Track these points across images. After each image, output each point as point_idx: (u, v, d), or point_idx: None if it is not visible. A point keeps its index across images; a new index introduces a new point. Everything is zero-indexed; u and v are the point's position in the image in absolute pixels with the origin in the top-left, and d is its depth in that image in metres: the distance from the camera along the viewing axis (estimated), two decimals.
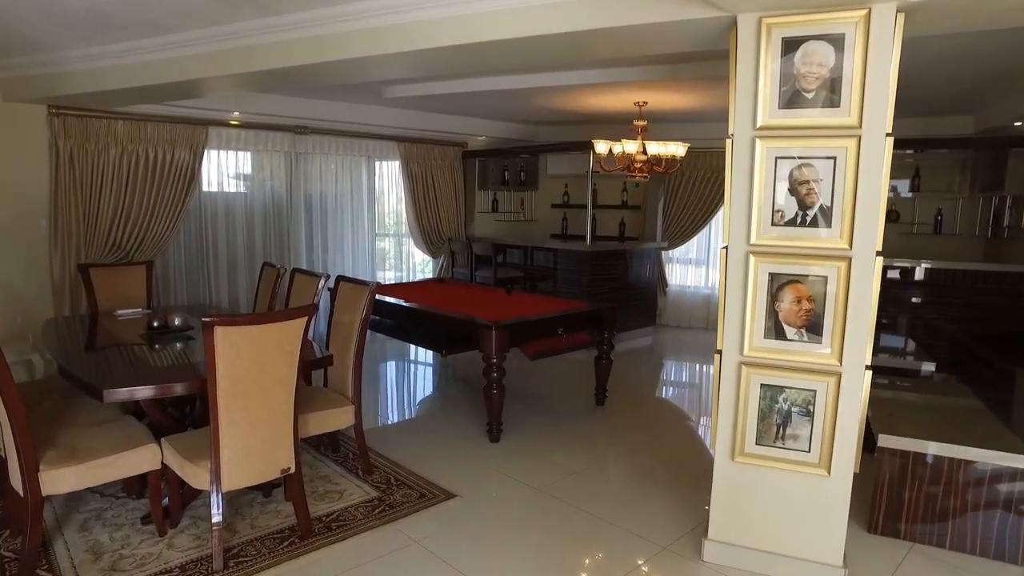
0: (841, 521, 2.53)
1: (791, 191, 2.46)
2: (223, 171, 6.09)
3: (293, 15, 3.21)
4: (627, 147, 5.57)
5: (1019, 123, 5.10)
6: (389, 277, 7.66)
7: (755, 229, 2.51)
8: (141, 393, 2.67)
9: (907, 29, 2.29)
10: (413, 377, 6.15)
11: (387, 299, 4.99)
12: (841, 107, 2.33)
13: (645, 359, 6.76)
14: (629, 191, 8.02)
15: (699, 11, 2.43)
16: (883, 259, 2.38)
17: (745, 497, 2.69)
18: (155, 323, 3.74)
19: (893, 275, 5.32)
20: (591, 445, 4.12)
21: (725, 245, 2.60)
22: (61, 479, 2.56)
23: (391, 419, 4.75)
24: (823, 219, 2.42)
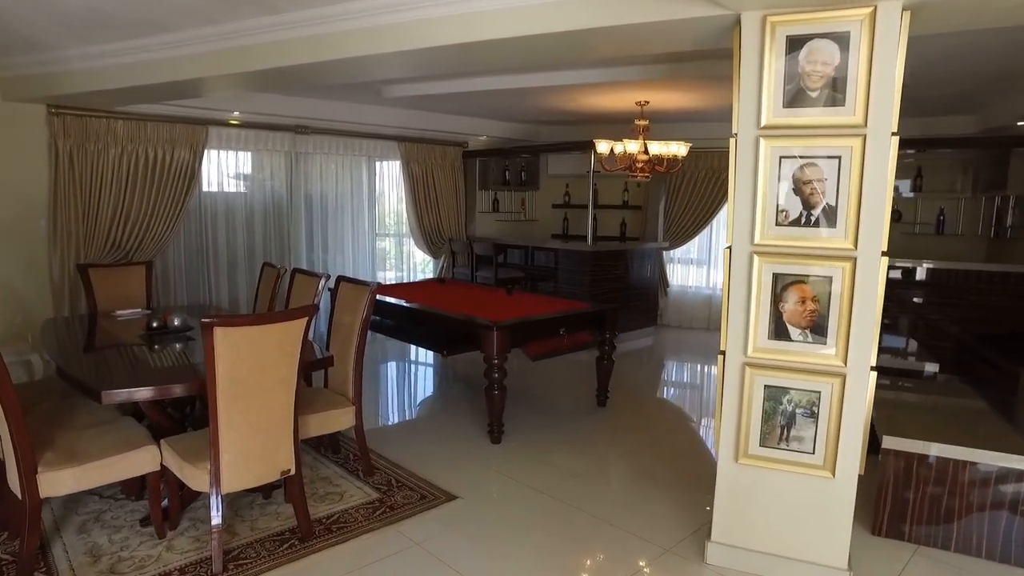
0: (846, 523, 2.51)
1: (795, 191, 2.44)
2: (223, 171, 6.07)
3: (292, 14, 3.19)
4: (629, 147, 5.55)
5: (1022, 123, 5.08)
6: (390, 277, 7.64)
7: (759, 229, 2.49)
8: (140, 394, 2.65)
9: (912, 27, 2.27)
10: (414, 378, 6.14)
11: (388, 299, 4.97)
12: (846, 106, 2.31)
13: (646, 360, 6.74)
14: (630, 191, 8.00)
15: (702, 9, 2.41)
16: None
17: (749, 499, 2.67)
18: (154, 324, 3.72)
19: (895, 275, 5.30)
20: (593, 446, 4.10)
21: (729, 245, 2.58)
22: (59, 481, 2.54)
23: (392, 420, 4.74)
24: (828, 219, 2.40)
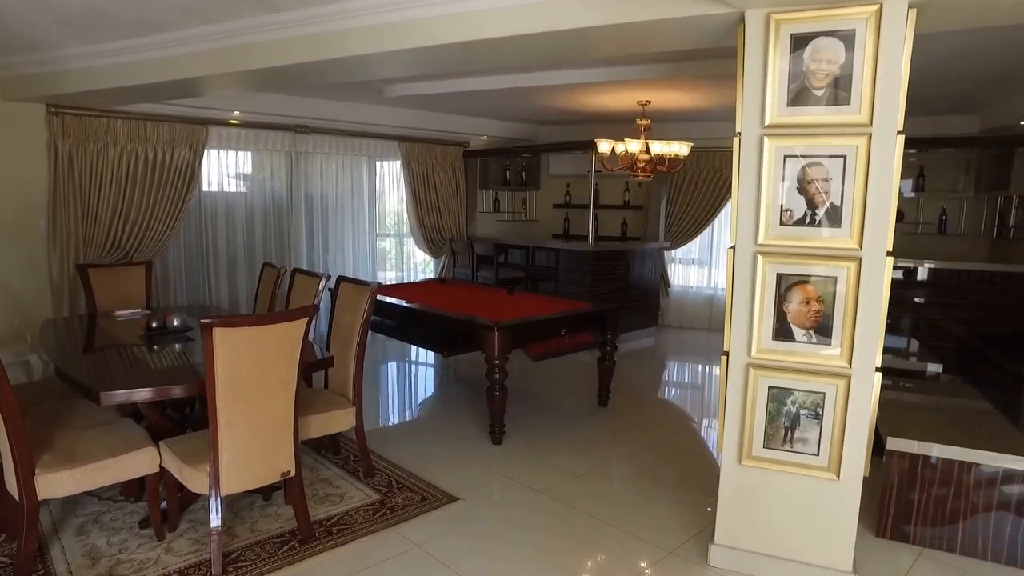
0: (851, 525, 2.49)
1: (800, 190, 2.41)
2: (223, 171, 6.05)
3: (291, 12, 3.17)
4: (630, 146, 5.53)
5: None
6: (390, 277, 7.62)
7: (763, 229, 2.47)
8: (139, 395, 2.63)
9: (918, 25, 2.25)
10: (414, 378, 6.12)
11: (388, 299, 4.95)
12: (851, 105, 2.29)
13: (647, 360, 6.72)
14: (631, 191, 7.98)
15: (706, 7, 2.39)
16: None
17: (752, 501, 2.65)
18: (154, 324, 3.70)
19: (897, 275, 5.27)
20: (594, 447, 4.08)
21: (732, 245, 2.56)
22: (57, 483, 2.52)
23: (392, 421, 4.71)
24: (832, 219, 2.38)
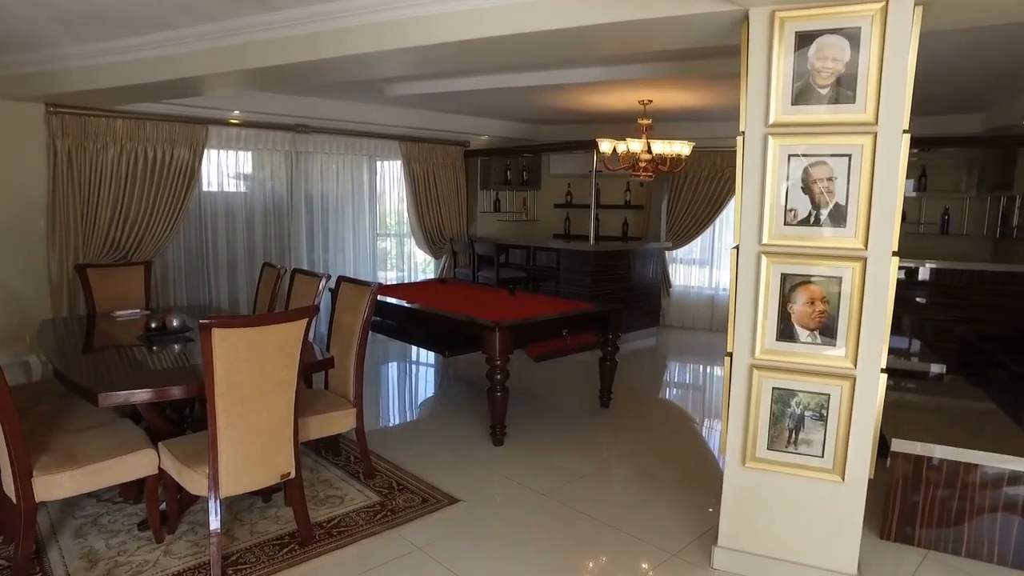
0: (855, 528, 2.47)
1: (804, 190, 2.39)
2: (223, 170, 6.04)
3: (291, 11, 3.16)
4: (632, 146, 5.51)
5: None
6: (391, 277, 7.60)
7: (767, 229, 2.45)
8: (137, 397, 2.60)
9: (924, 23, 2.22)
10: (415, 379, 6.09)
11: (389, 300, 4.93)
12: (856, 103, 2.27)
13: (649, 360, 6.69)
14: (632, 190, 7.97)
15: (710, 5, 2.36)
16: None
17: (756, 503, 2.62)
18: (153, 324, 3.68)
19: (899, 275, 5.23)
20: (596, 448, 4.06)
21: (736, 245, 2.54)
22: (55, 485, 2.50)
23: (393, 422, 4.69)
24: (837, 218, 2.36)
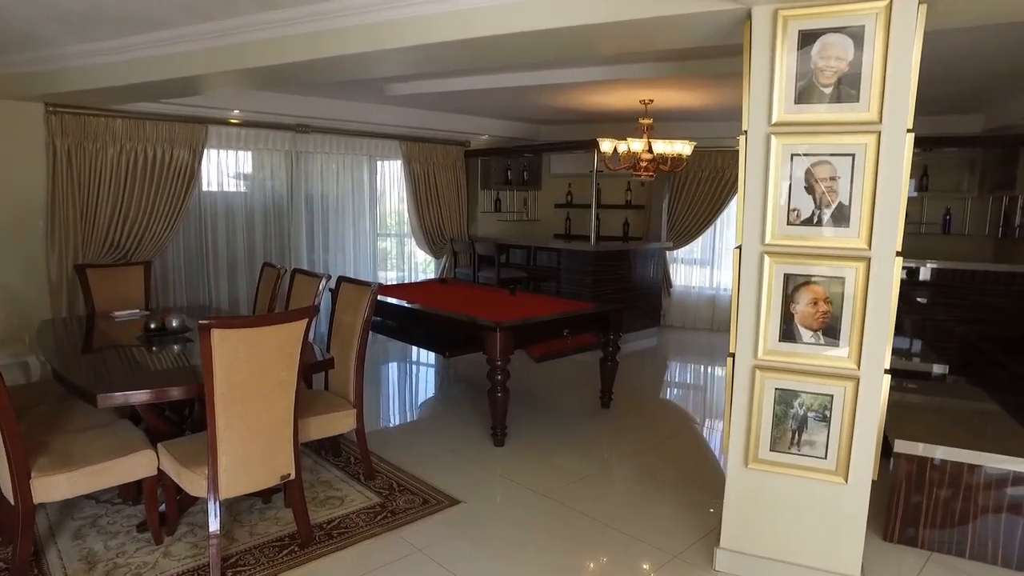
0: (859, 530, 2.46)
1: (807, 189, 2.38)
2: (223, 170, 6.02)
3: (290, 10, 3.15)
4: (632, 146, 5.49)
5: None
6: (391, 278, 7.59)
7: (770, 229, 2.44)
8: (136, 397, 2.58)
9: (928, 21, 2.21)
10: (415, 379, 6.08)
11: (389, 300, 4.91)
12: (860, 102, 2.25)
13: (650, 360, 6.68)
14: (633, 190, 7.95)
15: (712, 4, 2.35)
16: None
17: (759, 505, 2.61)
18: (152, 325, 3.66)
19: (900, 275, 5.23)
20: (597, 448, 4.04)
21: (738, 245, 2.52)
22: (53, 486, 2.48)
23: (393, 422, 4.68)
24: (840, 218, 2.34)
